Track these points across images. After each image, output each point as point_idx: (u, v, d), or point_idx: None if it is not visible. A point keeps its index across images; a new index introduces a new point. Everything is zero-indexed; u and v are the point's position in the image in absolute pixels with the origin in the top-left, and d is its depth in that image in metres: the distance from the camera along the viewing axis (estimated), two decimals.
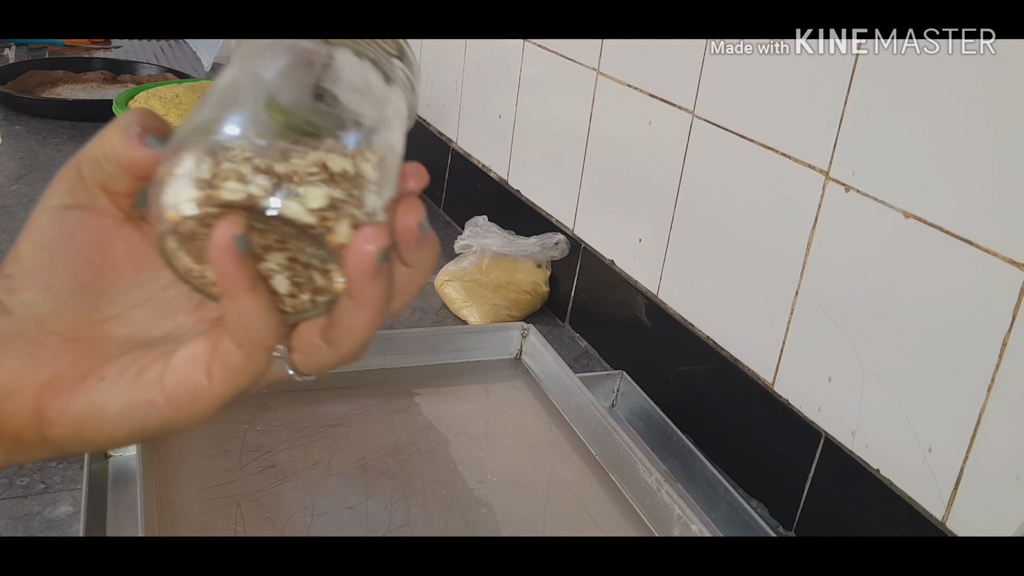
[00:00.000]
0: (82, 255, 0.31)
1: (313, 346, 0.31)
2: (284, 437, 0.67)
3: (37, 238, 0.31)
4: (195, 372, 0.30)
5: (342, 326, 0.30)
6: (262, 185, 0.26)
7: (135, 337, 0.32)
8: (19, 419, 0.31)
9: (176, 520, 0.58)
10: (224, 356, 0.29)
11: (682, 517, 0.60)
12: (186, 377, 0.30)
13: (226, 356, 0.29)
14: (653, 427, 0.77)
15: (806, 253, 0.66)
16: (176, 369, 0.30)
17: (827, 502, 0.65)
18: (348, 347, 0.31)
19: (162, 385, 0.30)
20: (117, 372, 0.31)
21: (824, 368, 0.64)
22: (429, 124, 1.32)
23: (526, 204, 1.05)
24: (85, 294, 0.31)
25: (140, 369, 0.31)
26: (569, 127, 0.95)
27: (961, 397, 0.55)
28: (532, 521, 0.63)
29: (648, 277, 0.84)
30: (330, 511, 0.60)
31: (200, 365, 0.30)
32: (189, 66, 1.89)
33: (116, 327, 0.32)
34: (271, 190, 0.26)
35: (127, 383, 0.30)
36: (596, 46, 0.89)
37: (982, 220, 0.53)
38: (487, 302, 0.93)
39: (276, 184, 0.26)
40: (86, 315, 0.31)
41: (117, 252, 0.32)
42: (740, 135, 0.71)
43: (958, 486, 0.55)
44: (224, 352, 0.29)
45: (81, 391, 0.30)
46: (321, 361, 0.31)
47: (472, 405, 0.75)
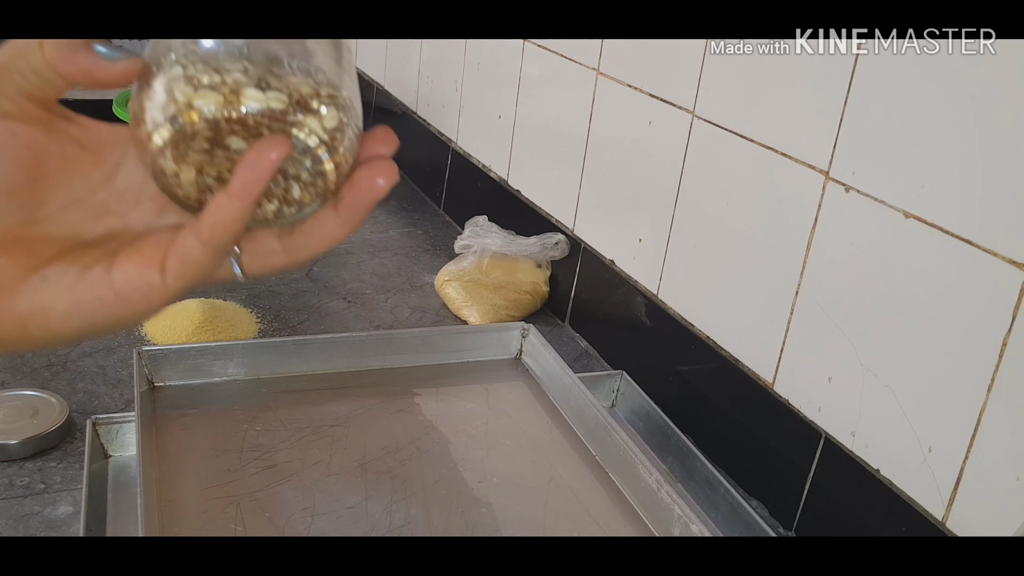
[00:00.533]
0: (14, 162, 0.31)
1: (270, 250, 0.32)
2: (284, 437, 0.67)
3: None
4: (147, 269, 0.31)
5: (313, 235, 0.32)
6: (280, 99, 0.29)
7: (70, 237, 0.33)
8: None
9: (176, 520, 0.58)
10: (183, 252, 0.30)
11: (682, 517, 0.60)
12: (137, 274, 0.31)
13: (186, 253, 0.30)
14: (653, 427, 0.77)
15: (806, 253, 0.66)
16: (126, 267, 0.31)
17: (827, 502, 0.65)
18: (306, 255, 0.33)
19: (110, 282, 0.31)
20: (59, 271, 0.31)
21: (824, 368, 0.64)
22: (429, 124, 1.32)
23: (526, 204, 1.05)
24: (18, 198, 0.32)
25: (82, 268, 0.31)
26: (569, 127, 0.95)
27: (961, 397, 0.54)
28: (532, 521, 0.63)
29: (648, 277, 0.84)
30: (330, 511, 0.60)
31: (153, 262, 0.31)
32: None
33: (50, 228, 0.32)
34: (290, 105, 0.29)
35: (71, 281, 0.31)
36: (596, 46, 0.89)
37: (982, 220, 0.53)
38: (487, 302, 0.93)
39: (298, 102, 0.29)
40: (19, 217, 0.32)
41: (48, 155, 0.32)
42: (740, 135, 0.71)
43: (958, 486, 0.55)
44: (183, 249, 0.30)
45: (23, 290, 0.31)
46: (273, 265, 0.33)
47: (472, 405, 0.75)
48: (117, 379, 0.77)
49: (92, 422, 0.66)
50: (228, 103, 0.29)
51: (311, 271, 1.02)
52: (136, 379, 0.68)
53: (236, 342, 0.78)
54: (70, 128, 0.33)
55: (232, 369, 0.74)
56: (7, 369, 0.76)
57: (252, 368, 0.74)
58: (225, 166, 0.30)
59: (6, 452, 0.65)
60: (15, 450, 0.66)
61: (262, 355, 0.75)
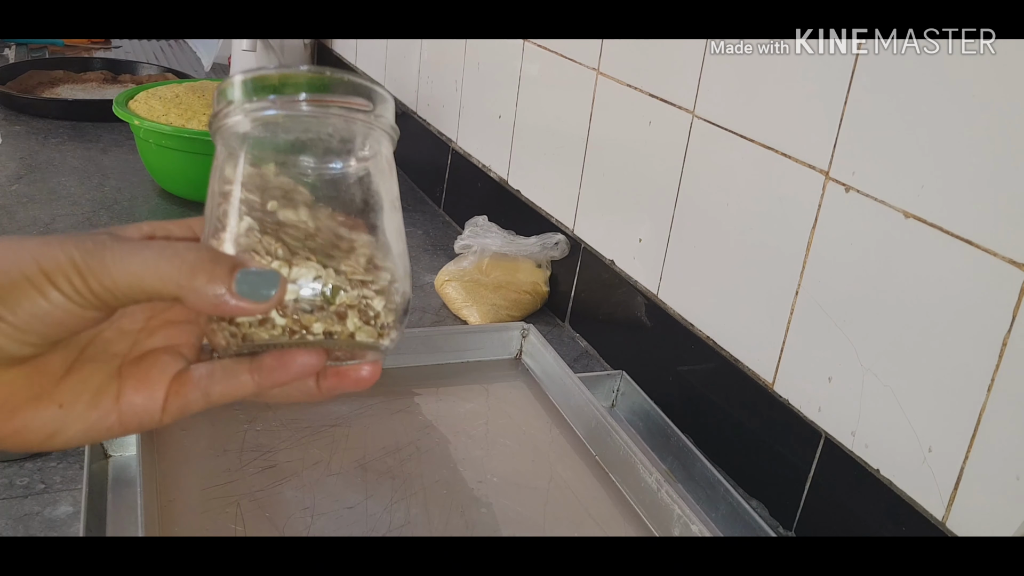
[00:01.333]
0: (58, 331, 0.32)
1: (242, 383, 0.37)
2: (284, 437, 0.67)
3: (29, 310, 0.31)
4: (152, 404, 0.34)
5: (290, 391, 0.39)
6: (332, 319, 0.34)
7: (73, 355, 0.35)
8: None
9: (176, 520, 0.58)
10: (186, 402, 0.35)
11: (682, 517, 0.60)
12: (143, 408, 0.34)
13: (189, 403, 0.35)
14: (653, 427, 0.77)
15: (806, 253, 0.66)
16: (134, 400, 0.34)
17: (827, 502, 0.65)
18: (274, 399, 0.40)
19: (119, 412, 0.34)
20: (72, 397, 0.34)
21: (824, 368, 0.64)
22: (429, 124, 1.32)
23: (526, 204, 1.05)
24: (47, 345, 0.33)
25: (94, 394, 0.34)
26: (569, 127, 0.95)
27: (961, 397, 0.55)
28: (532, 521, 0.63)
29: (648, 277, 0.84)
30: (330, 511, 0.60)
31: (157, 397, 0.35)
32: (189, 66, 1.89)
33: (61, 349, 0.35)
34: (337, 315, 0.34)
35: (83, 409, 0.34)
36: (596, 46, 0.89)
37: (982, 220, 0.53)
38: (487, 302, 0.93)
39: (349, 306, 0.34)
40: (41, 349, 0.33)
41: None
42: (740, 135, 0.71)
43: (958, 486, 0.55)
44: (188, 400, 0.35)
45: (37, 414, 0.33)
46: (240, 394, 0.38)
47: (472, 405, 0.75)
48: None
49: None
50: (292, 331, 0.34)
51: None
52: None
53: None
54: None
55: None
56: None
57: None
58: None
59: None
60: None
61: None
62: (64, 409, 0.34)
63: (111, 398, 0.34)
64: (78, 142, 1.37)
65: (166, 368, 0.35)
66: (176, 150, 1.11)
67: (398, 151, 0.37)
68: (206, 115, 1.13)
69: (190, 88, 1.23)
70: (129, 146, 1.36)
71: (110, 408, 0.34)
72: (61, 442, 0.34)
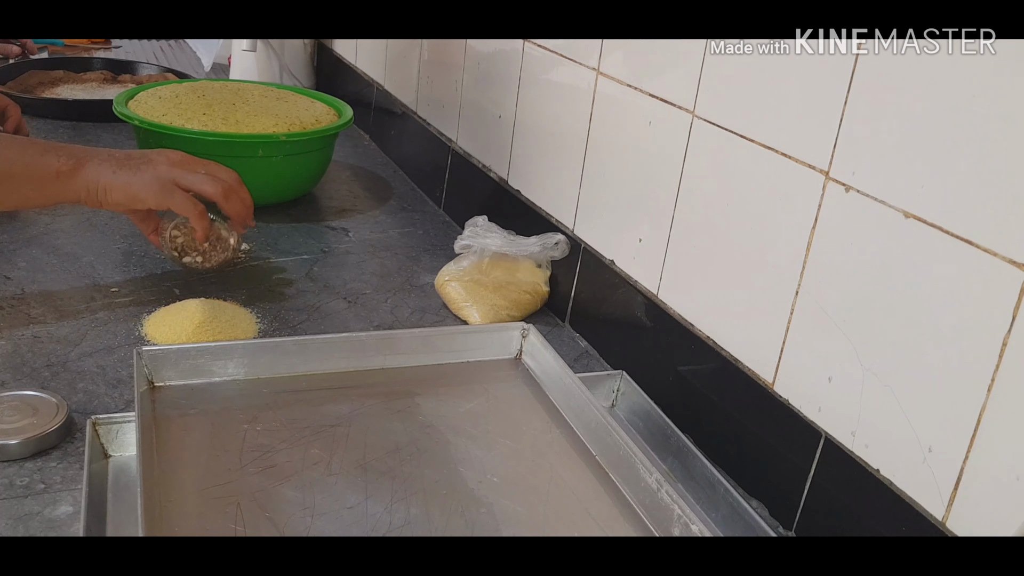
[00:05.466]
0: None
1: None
2: (284, 437, 0.67)
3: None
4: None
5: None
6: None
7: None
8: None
9: (176, 520, 0.58)
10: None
11: (682, 517, 0.60)
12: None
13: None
14: (653, 427, 0.77)
15: (806, 253, 0.66)
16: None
17: (827, 502, 0.65)
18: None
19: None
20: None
21: (824, 368, 0.64)
22: (429, 124, 1.32)
23: (526, 204, 1.05)
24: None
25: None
26: (569, 127, 0.95)
27: (961, 397, 0.55)
28: (532, 521, 0.63)
29: (648, 277, 0.84)
30: (330, 511, 0.60)
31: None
32: (189, 66, 1.89)
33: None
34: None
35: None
36: (596, 46, 0.89)
37: (982, 220, 0.53)
38: (487, 302, 0.93)
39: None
40: None
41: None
42: (740, 135, 0.71)
43: (958, 486, 0.55)
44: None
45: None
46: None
47: (472, 405, 0.75)
48: (117, 379, 0.77)
49: (92, 422, 0.66)
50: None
51: (311, 271, 1.02)
52: (136, 379, 0.68)
53: (236, 342, 0.78)
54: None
55: (232, 369, 0.74)
56: (7, 369, 0.76)
57: (252, 368, 0.74)
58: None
59: (6, 452, 0.65)
60: (15, 450, 0.66)
61: (262, 355, 0.75)
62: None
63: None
64: (78, 142, 1.37)
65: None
66: (176, 150, 1.11)
67: (399, 151, 0.37)
68: (206, 115, 1.13)
69: (190, 88, 1.23)
70: (129, 146, 1.36)
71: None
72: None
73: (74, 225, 1.06)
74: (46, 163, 0.80)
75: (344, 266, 1.05)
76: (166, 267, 0.98)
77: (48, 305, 0.87)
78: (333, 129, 1.18)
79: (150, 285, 0.94)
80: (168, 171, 0.86)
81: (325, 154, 1.23)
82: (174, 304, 0.87)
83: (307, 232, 1.14)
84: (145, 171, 0.85)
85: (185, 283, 0.95)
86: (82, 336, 0.82)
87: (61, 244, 1.01)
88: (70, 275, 0.94)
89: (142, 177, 0.84)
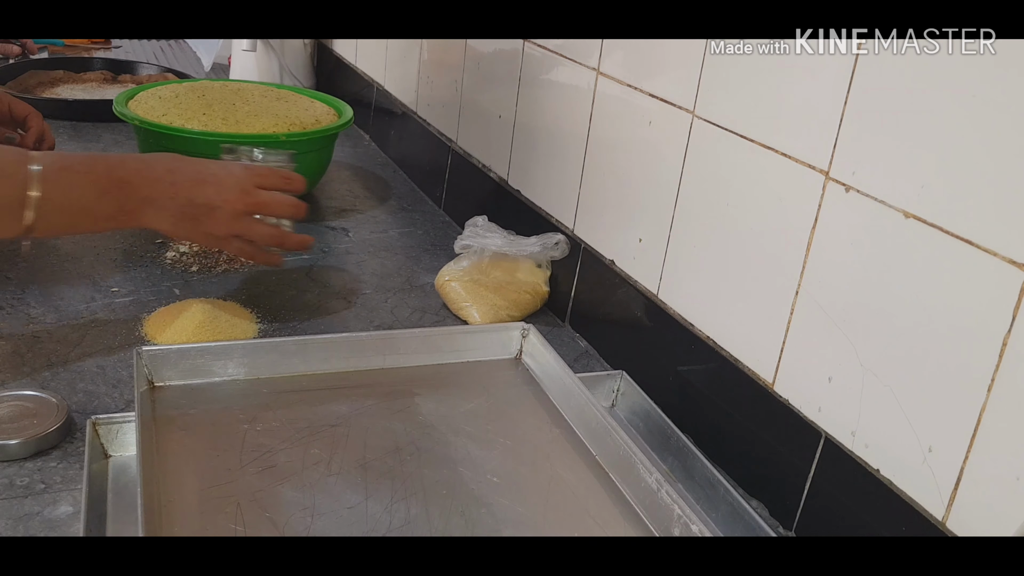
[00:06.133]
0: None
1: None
2: (284, 437, 0.67)
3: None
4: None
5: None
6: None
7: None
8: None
9: (176, 520, 0.58)
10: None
11: (682, 517, 0.60)
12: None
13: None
14: (653, 427, 0.77)
15: (806, 253, 0.66)
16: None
17: (827, 502, 0.65)
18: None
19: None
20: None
21: (824, 368, 0.64)
22: (429, 124, 1.32)
23: (526, 204, 1.05)
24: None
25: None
26: (569, 127, 0.95)
27: (961, 397, 0.55)
28: (532, 521, 0.63)
29: (648, 277, 0.84)
30: (330, 511, 0.60)
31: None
32: (189, 66, 1.89)
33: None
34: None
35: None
36: (596, 46, 0.89)
37: (982, 220, 0.53)
38: (487, 302, 0.93)
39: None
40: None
41: None
42: (740, 135, 0.71)
43: (958, 486, 0.55)
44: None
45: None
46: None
47: (472, 405, 0.75)
48: (117, 379, 0.77)
49: (92, 422, 0.66)
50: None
51: (311, 271, 1.02)
52: (136, 379, 0.68)
53: (236, 342, 0.78)
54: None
55: (232, 369, 0.74)
56: (7, 369, 0.76)
57: (252, 368, 0.74)
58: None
59: (6, 452, 0.65)
60: (15, 450, 0.66)
61: (262, 355, 0.75)
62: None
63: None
64: (78, 142, 1.37)
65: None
66: (176, 150, 1.11)
67: (399, 151, 0.37)
68: (206, 115, 1.13)
69: (190, 88, 1.23)
70: (129, 146, 1.36)
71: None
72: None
73: None
74: (103, 207, 0.76)
75: (344, 266, 1.05)
76: (166, 267, 0.98)
77: (48, 305, 0.87)
78: (333, 129, 1.18)
79: (150, 285, 0.94)
80: (228, 224, 0.81)
81: (325, 154, 1.23)
82: (174, 304, 0.87)
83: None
84: (206, 223, 0.81)
85: (185, 283, 0.95)
86: (82, 336, 0.83)
87: (61, 244, 1.01)
88: (70, 275, 0.94)
89: (201, 231, 0.81)
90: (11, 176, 0.72)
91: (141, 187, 0.78)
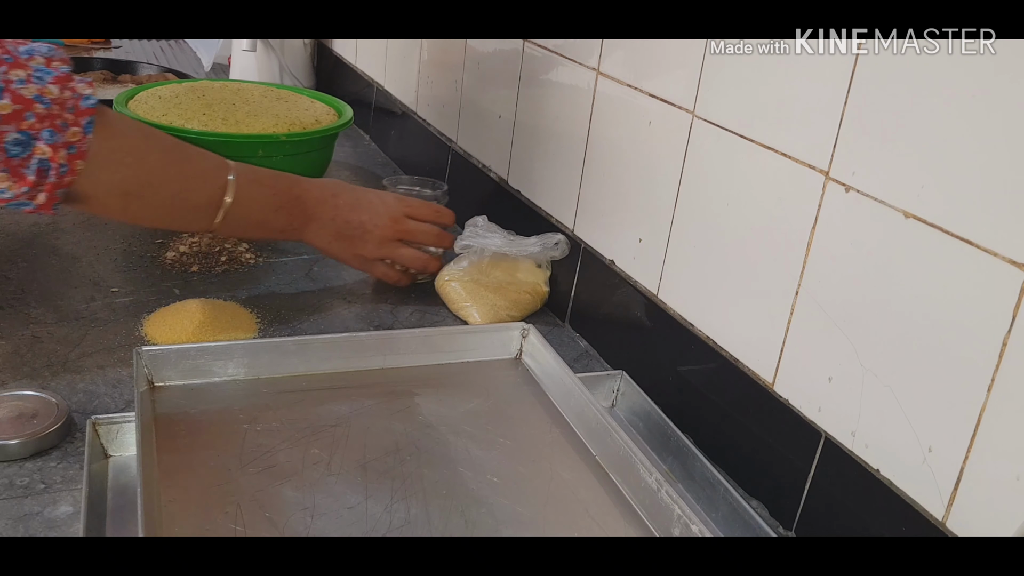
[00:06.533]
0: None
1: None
2: (284, 437, 0.67)
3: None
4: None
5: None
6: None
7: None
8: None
9: (176, 520, 0.58)
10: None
11: (682, 517, 0.60)
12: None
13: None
14: (653, 427, 0.77)
15: (806, 253, 0.66)
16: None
17: (827, 502, 0.65)
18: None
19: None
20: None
21: (824, 368, 0.64)
22: (429, 124, 1.32)
23: (526, 204, 1.05)
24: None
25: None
26: (569, 127, 0.95)
27: (961, 397, 0.55)
28: (532, 521, 0.63)
29: (648, 277, 0.84)
30: (330, 511, 0.60)
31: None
32: (189, 66, 1.89)
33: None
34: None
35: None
36: (596, 46, 0.89)
37: (982, 220, 0.53)
38: (487, 302, 0.93)
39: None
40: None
41: None
42: (740, 135, 0.71)
43: (958, 486, 0.55)
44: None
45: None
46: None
47: (472, 405, 0.75)
48: (117, 379, 0.77)
49: (92, 422, 0.66)
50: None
51: (311, 271, 1.02)
52: (136, 379, 0.68)
53: (236, 342, 0.78)
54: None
55: (232, 369, 0.74)
56: (7, 369, 0.76)
57: (252, 368, 0.74)
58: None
59: (6, 452, 0.65)
60: (15, 450, 0.66)
61: (262, 355, 0.75)
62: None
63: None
64: None
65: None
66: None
67: (399, 151, 0.37)
68: (206, 115, 1.13)
69: (190, 88, 1.23)
70: None
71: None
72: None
73: (74, 225, 1.06)
74: (277, 221, 0.86)
75: (344, 266, 1.05)
76: (166, 267, 0.98)
77: (48, 305, 0.87)
78: (333, 129, 1.18)
79: (150, 285, 0.94)
80: (377, 248, 0.92)
81: (325, 154, 1.23)
82: (174, 304, 0.87)
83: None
84: (357, 245, 0.91)
85: (185, 283, 0.95)
86: (82, 336, 0.83)
87: (61, 244, 1.01)
88: (70, 275, 0.94)
89: (351, 251, 0.92)
90: (213, 180, 0.80)
91: (309, 205, 0.88)
